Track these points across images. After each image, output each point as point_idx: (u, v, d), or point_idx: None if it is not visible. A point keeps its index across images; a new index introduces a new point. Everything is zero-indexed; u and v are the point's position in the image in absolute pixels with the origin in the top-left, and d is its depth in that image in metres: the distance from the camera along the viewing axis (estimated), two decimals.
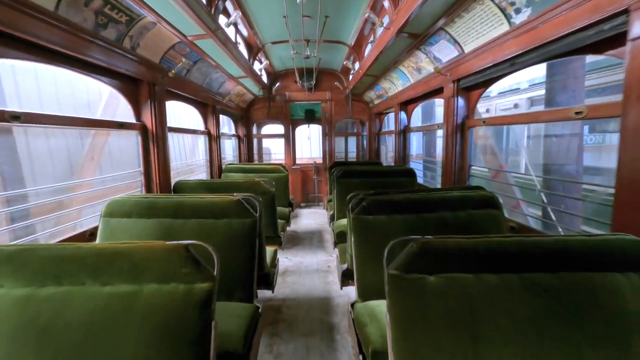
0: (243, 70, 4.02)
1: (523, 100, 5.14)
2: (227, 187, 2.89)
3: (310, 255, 4.05)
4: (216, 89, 4.31)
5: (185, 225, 1.88)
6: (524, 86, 5.33)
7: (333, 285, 3.20)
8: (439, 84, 3.00)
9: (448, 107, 2.83)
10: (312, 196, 7.61)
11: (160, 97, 2.78)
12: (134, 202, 1.91)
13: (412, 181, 3.57)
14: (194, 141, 7.06)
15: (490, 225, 1.91)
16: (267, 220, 2.97)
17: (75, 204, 3.12)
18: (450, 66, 2.70)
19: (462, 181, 2.79)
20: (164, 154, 2.83)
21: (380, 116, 6.22)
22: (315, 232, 5.06)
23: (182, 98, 3.54)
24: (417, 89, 3.63)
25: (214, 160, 4.46)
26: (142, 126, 2.68)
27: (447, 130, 2.86)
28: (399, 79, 4.04)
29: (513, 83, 5.59)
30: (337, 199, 3.52)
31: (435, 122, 7.66)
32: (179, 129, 3.72)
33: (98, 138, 3.78)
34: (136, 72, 2.46)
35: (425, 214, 1.92)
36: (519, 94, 5.87)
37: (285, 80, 6.31)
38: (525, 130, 5.34)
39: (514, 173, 4.16)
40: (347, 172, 3.53)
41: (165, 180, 2.86)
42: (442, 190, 2.06)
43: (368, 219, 1.92)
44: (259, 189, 2.90)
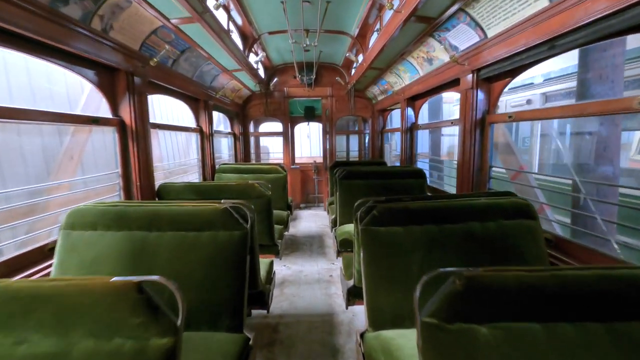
0: (237, 63, 3.70)
1: (536, 96, 4.83)
2: (217, 190, 2.58)
3: (311, 263, 3.74)
4: (208, 83, 3.99)
5: (161, 239, 1.57)
6: (538, 81, 5.04)
7: (336, 299, 2.90)
8: (455, 75, 2.68)
9: (466, 101, 2.51)
10: (312, 197, 7.31)
11: (141, 88, 2.46)
12: (100, 212, 1.60)
13: (421, 183, 3.26)
14: (188, 139, 6.75)
15: (526, 239, 1.60)
16: (263, 227, 2.67)
17: (52, 208, 2.82)
18: (469, 54, 2.39)
19: (481, 184, 2.48)
20: (145, 154, 2.52)
21: (384, 113, 5.90)
22: (315, 237, 4.75)
23: (168, 91, 3.21)
24: (428, 82, 3.31)
25: (206, 160, 4.14)
26: (119, 122, 2.36)
27: (465, 126, 2.55)
28: (407, 71, 3.72)
29: (526, 78, 5.29)
30: (340, 202, 3.21)
31: (442, 119, 7.35)
32: (164, 125, 3.40)
33: (79, 135, 3.46)
34: (110, 60, 2.13)
35: (448, 225, 1.61)
36: (532, 89, 5.54)
37: (284, 75, 5.99)
38: (538, 127, 5.03)
39: (540, 175, 3.83)
40: (350, 173, 3.22)
41: (148, 183, 2.55)
42: (467, 196, 1.75)
43: (380, 231, 1.61)
44: (253, 192, 2.58)
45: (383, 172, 3.29)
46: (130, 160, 2.41)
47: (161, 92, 3.06)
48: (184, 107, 3.99)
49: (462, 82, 2.58)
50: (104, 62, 2.12)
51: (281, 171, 4.11)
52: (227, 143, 6.19)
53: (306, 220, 5.72)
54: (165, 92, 3.15)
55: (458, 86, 2.82)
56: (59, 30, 1.71)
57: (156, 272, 1.54)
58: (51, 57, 1.84)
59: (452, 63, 2.66)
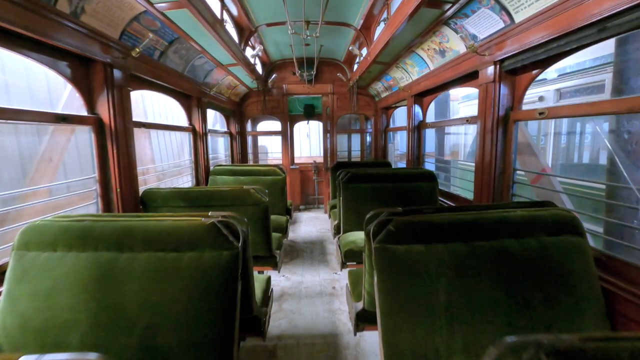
0: (233, 57, 3.43)
1: (549, 93, 4.57)
2: (208, 197, 2.31)
3: (312, 273, 3.47)
4: (202, 79, 3.71)
5: (133, 262, 1.29)
6: (551, 76, 4.77)
7: (340, 316, 2.63)
8: (472, 68, 2.42)
9: (486, 96, 2.25)
10: (311, 198, 7.05)
11: (122, 83, 2.19)
12: (61, 228, 1.32)
13: (432, 187, 2.99)
14: (183, 139, 6.47)
15: (572, 259, 1.34)
16: (259, 238, 2.40)
17: (26, 217, 2.55)
18: (491, 43, 2.12)
19: (503, 189, 2.21)
20: (127, 156, 2.24)
21: (388, 111, 5.63)
22: (316, 242, 4.48)
23: (156, 87, 2.94)
24: (439, 76, 3.04)
25: (199, 161, 3.87)
26: (96, 120, 2.08)
27: (484, 125, 2.28)
28: (415, 65, 3.45)
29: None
30: (344, 207, 2.95)
31: (450, 118, 7.06)
32: (151, 124, 3.11)
33: (59, 135, 3.18)
34: (84, 49, 1.86)
35: (480, 243, 1.35)
36: (544, 85, 5.24)
37: (283, 71, 5.71)
38: (551, 125, 4.77)
39: (570, 179, 3.50)
40: (355, 175, 2.95)
41: (130, 189, 2.27)
42: (499, 207, 1.48)
43: (397, 251, 1.34)
44: (249, 199, 2.31)
45: (390, 174, 3.02)
46: (109, 164, 2.13)
47: (147, 87, 2.79)
48: (178, 104, 3.71)
49: (480, 75, 2.31)
50: (76, 52, 1.84)
51: (280, 173, 3.84)
52: (224, 143, 5.92)
53: (306, 224, 5.45)
54: (152, 88, 2.87)
55: (474, 80, 2.55)
56: (16, 12, 1.44)
57: (125, 305, 1.28)
58: (9, 45, 1.57)
59: (469, 54, 2.39)
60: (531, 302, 1.27)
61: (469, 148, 7.03)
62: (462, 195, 3.05)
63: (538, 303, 1.27)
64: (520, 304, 1.27)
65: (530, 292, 1.28)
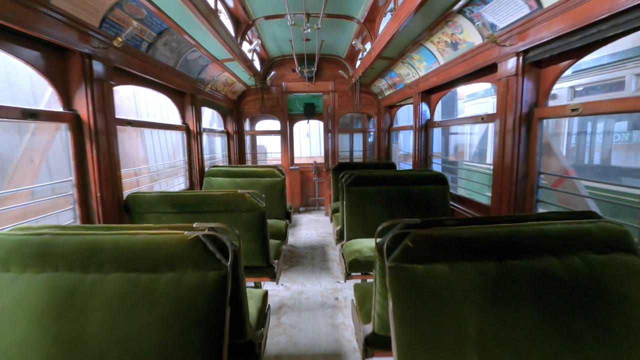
0: (228, 51, 3.21)
1: (563, 91, 4.35)
2: (199, 202, 2.09)
3: (313, 281, 3.25)
4: (196, 75, 3.49)
5: (100, 286, 1.08)
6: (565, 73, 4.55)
7: (344, 332, 2.41)
8: (489, 61, 2.20)
9: (506, 91, 2.03)
10: (312, 200, 6.84)
11: (103, 76, 1.97)
12: (14, 244, 1.11)
13: (443, 191, 2.78)
14: (178, 138, 6.25)
15: (625, 282, 1.12)
16: (255, 247, 2.18)
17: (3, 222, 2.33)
18: (513, 32, 1.90)
19: (526, 194, 2.00)
20: (109, 157, 2.03)
21: (392, 110, 5.41)
22: (317, 247, 4.26)
23: (144, 82, 2.72)
24: (450, 71, 2.83)
25: (194, 162, 3.65)
26: (73, 117, 1.87)
27: (504, 123, 2.06)
28: (423, 60, 3.24)
29: None
30: (347, 212, 2.74)
31: (456, 117, 6.82)
32: (140, 122, 2.89)
33: (41, 134, 2.97)
34: (58, 37, 1.64)
35: (515, 262, 1.13)
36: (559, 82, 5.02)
37: (282, 68, 5.49)
38: (564, 124, 4.55)
39: (607, 184, 3.23)
40: (359, 178, 2.74)
41: (112, 193, 2.05)
42: (534, 218, 1.26)
43: (417, 271, 1.13)
44: (244, 204, 2.10)
45: (397, 177, 2.81)
46: (87, 166, 1.91)
47: (134, 82, 2.57)
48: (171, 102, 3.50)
49: (500, 68, 2.09)
50: (50, 40, 1.62)
51: (279, 174, 3.63)
52: (221, 143, 5.71)
53: (306, 228, 5.24)
54: (139, 83, 2.65)
55: (491, 75, 2.34)
56: None
57: (88, 339, 1.06)
58: None
59: (486, 45, 2.17)
60: (581, 336, 1.05)
61: (474, 148, 6.81)
62: (476, 199, 2.84)
63: (589, 337, 1.05)
64: (567, 339, 1.05)
65: (578, 324, 1.06)
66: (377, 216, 2.74)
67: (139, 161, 4.45)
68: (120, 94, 4.30)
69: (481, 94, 6.66)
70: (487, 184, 4.06)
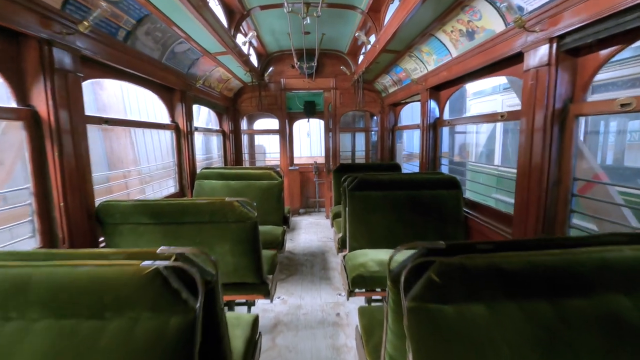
0: (221, 43, 2.94)
1: None
2: (180, 212, 1.82)
3: (312, 294, 2.99)
4: (186, 69, 3.22)
5: (25, 336, 0.81)
6: None
7: (346, 355, 2.15)
8: (514, 50, 1.92)
9: (535, 84, 1.75)
10: (312, 201, 6.58)
11: (69, 67, 1.70)
12: None
13: (456, 196, 2.51)
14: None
15: None
16: (246, 262, 1.92)
17: None
18: (545, 14, 1.63)
19: (558, 204, 1.72)
20: (76, 160, 1.76)
21: (396, 108, 5.14)
22: (317, 254, 4.00)
23: (126, 76, 2.45)
24: (464, 64, 2.55)
25: (184, 164, 3.38)
26: (29, 114, 1.60)
27: (532, 121, 1.79)
28: (433, 53, 2.96)
29: None
30: (350, 219, 2.47)
31: (469, 115, 6.54)
32: (116, 120, 2.62)
33: (11, 135, 2.70)
34: (9, 19, 1.38)
35: (570, 301, 0.86)
36: None
37: (281, 64, 5.22)
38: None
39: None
40: (363, 181, 2.47)
41: (80, 203, 1.79)
42: (595, 242, 0.99)
43: (445, 313, 0.87)
44: (232, 214, 1.83)
45: (405, 180, 2.54)
46: (48, 171, 1.65)
47: (112, 75, 2.30)
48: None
49: (527, 58, 1.82)
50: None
51: (276, 177, 3.36)
52: (217, 143, 5.44)
53: (306, 232, 4.97)
54: (118, 77, 2.38)
55: (515, 66, 2.06)
56: None
57: None
58: None
59: (511, 32, 1.90)
60: None
61: (481, 148, 6.53)
62: (491, 205, 2.56)
63: None
64: None
65: None
66: (384, 224, 2.47)
67: (128, 162, 4.18)
68: (108, 91, 4.03)
69: (488, 91, 6.38)
70: (504, 189, 3.77)
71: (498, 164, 5.71)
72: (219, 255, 1.87)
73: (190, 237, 1.85)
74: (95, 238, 1.90)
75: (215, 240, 1.85)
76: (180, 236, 1.85)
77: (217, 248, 1.86)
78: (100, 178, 3.90)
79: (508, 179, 4.41)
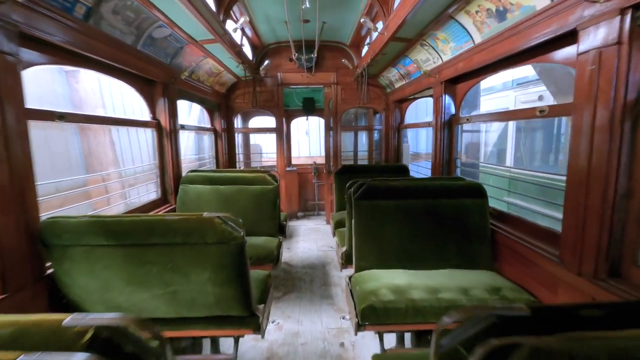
0: (208, 29, 2.56)
1: None
2: (147, 230, 1.44)
3: (312, 316, 2.61)
4: (169, 59, 2.84)
5: None
6: None
7: None
8: (564, 27, 1.54)
9: (601, 69, 1.37)
10: (311, 204, 6.22)
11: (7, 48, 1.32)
12: None
13: (481, 205, 2.15)
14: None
15: None
16: (231, 292, 1.54)
17: None
18: None
19: (628, 222, 1.35)
20: (9, 165, 1.37)
21: (402, 104, 4.76)
22: (316, 266, 3.62)
23: (89, 64, 2.06)
24: (492, 50, 2.17)
25: (166, 167, 2.99)
26: None
27: (592, 117, 1.41)
28: (450, 40, 2.58)
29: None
30: (358, 234, 2.11)
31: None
32: (78, 116, 2.21)
33: None
34: None
35: None
36: None
37: (277, 57, 4.83)
38: None
39: None
40: (372, 189, 2.11)
41: (17, 218, 1.40)
42: None
43: None
44: (212, 234, 1.44)
45: (421, 187, 2.17)
46: None
47: (70, 62, 1.91)
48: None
49: (583, 38, 1.44)
50: None
51: (270, 181, 2.98)
52: (208, 142, 5.06)
53: (304, 239, 4.59)
54: (80, 64, 1.99)
55: (563, 49, 1.69)
56: None
57: None
58: None
59: (560, 6, 1.52)
60: None
61: (490, 147, 6.16)
62: (519, 215, 2.18)
63: None
64: None
65: None
66: (396, 239, 2.10)
67: (107, 164, 3.79)
68: (84, 84, 3.63)
69: (498, 87, 6.02)
70: (526, 194, 3.38)
71: (510, 165, 5.35)
72: (196, 284, 1.50)
73: (160, 262, 1.47)
74: (40, 265, 1.52)
75: (192, 266, 1.48)
76: (147, 261, 1.47)
77: (194, 276, 1.49)
78: (76, 182, 3.51)
79: (524, 182, 4.05)
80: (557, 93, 2.90)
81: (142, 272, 1.49)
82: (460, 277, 1.89)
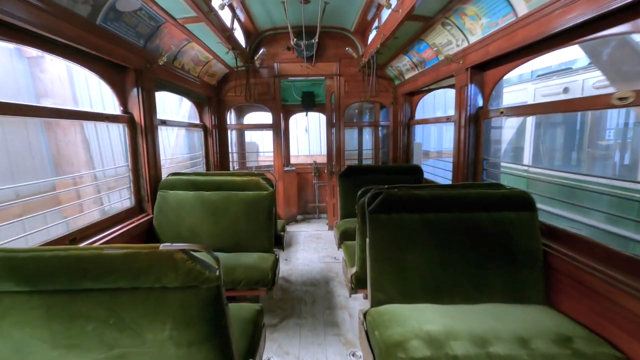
0: (188, 3, 2.10)
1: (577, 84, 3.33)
2: (79, 268, 0.98)
3: (315, 352, 2.15)
4: (142, 40, 2.37)
5: None
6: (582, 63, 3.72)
7: None
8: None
9: None
10: (311, 206, 5.78)
11: None
12: None
13: (530, 220, 1.69)
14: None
15: None
16: (205, 355, 1.08)
17: None
18: None
19: None
20: None
21: (413, 98, 4.29)
22: (319, 283, 3.16)
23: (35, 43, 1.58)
24: (542, 23, 1.71)
25: (141, 170, 2.53)
26: None
27: None
28: (482, 14, 2.12)
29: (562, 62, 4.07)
30: (374, 257, 1.66)
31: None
32: (28, 107, 1.72)
33: None
34: None
35: None
36: (571, 74, 4.15)
37: (274, 45, 4.35)
38: None
39: None
40: (392, 200, 1.66)
41: None
42: None
43: None
44: (174, 276, 0.98)
45: (455, 199, 1.71)
46: None
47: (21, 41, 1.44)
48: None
49: None
50: None
51: (265, 186, 2.53)
52: (197, 140, 4.59)
53: (304, 249, 4.13)
54: (20, 41, 1.52)
55: None
56: None
57: None
58: None
59: None
60: None
61: (505, 145, 5.70)
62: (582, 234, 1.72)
63: None
64: None
65: None
66: (424, 265, 1.65)
67: (78, 164, 3.32)
68: (49, 74, 3.15)
69: (514, 80, 5.56)
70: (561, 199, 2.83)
71: (528, 164, 4.90)
72: (152, 346, 1.04)
73: (98, 316, 1.01)
74: None
75: (144, 320, 1.02)
76: (79, 314, 1.02)
77: (149, 334, 1.03)
78: (42, 186, 3.04)
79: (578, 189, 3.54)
80: (617, 80, 2.47)
81: (73, 331, 1.03)
82: (511, 319, 1.44)
